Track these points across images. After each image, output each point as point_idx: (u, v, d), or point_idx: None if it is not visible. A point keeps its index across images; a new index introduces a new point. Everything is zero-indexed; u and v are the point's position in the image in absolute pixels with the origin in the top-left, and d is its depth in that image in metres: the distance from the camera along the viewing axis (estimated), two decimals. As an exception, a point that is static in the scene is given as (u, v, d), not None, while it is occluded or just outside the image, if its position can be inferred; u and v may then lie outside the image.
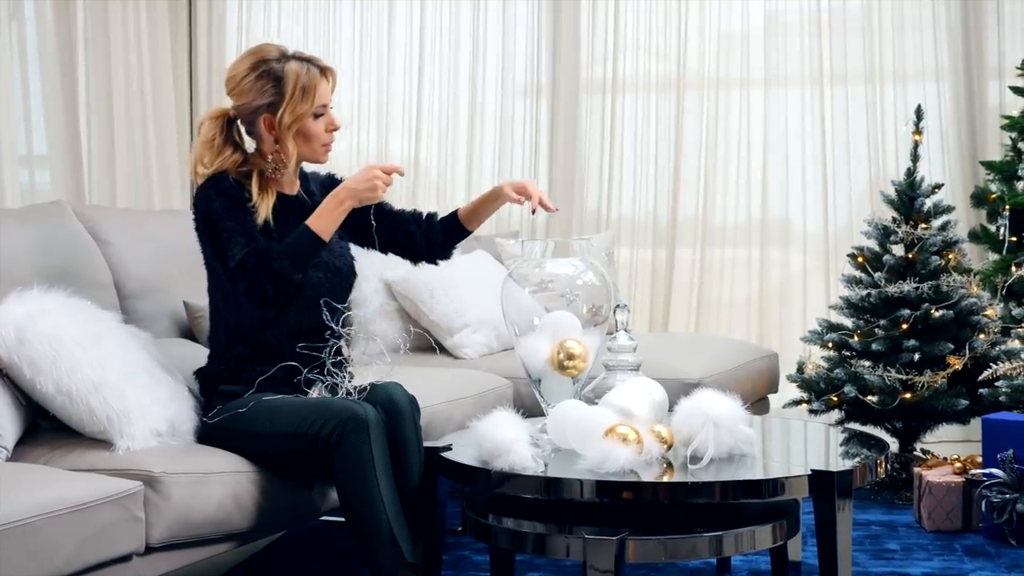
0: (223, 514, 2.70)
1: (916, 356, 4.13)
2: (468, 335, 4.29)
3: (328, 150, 3.03)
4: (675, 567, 3.40)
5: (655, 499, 2.54)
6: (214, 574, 3.34)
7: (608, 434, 2.60)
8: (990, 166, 4.74)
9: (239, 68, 2.96)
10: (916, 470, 3.95)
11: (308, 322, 2.96)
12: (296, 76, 2.92)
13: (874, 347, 4.16)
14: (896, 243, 4.30)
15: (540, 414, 2.96)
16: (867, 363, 4.23)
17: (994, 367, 3.91)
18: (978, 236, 4.74)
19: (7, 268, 3.10)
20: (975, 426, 4.23)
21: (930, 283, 4.17)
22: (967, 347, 4.13)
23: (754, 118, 5.30)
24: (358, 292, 4.15)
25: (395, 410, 2.83)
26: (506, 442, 2.61)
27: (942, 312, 4.13)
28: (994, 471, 3.65)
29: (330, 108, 3.00)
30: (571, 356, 2.81)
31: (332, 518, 3.73)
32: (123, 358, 2.82)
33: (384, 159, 5.47)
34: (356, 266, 3.15)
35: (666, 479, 2.58)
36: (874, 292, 4.24)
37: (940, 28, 5.12)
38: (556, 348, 2.81)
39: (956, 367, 4.11)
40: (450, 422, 3.42)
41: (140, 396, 2.76)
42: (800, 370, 4.38)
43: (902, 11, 5.16)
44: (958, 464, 3.88)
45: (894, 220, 4.30)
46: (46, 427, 2.83)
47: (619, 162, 5.39)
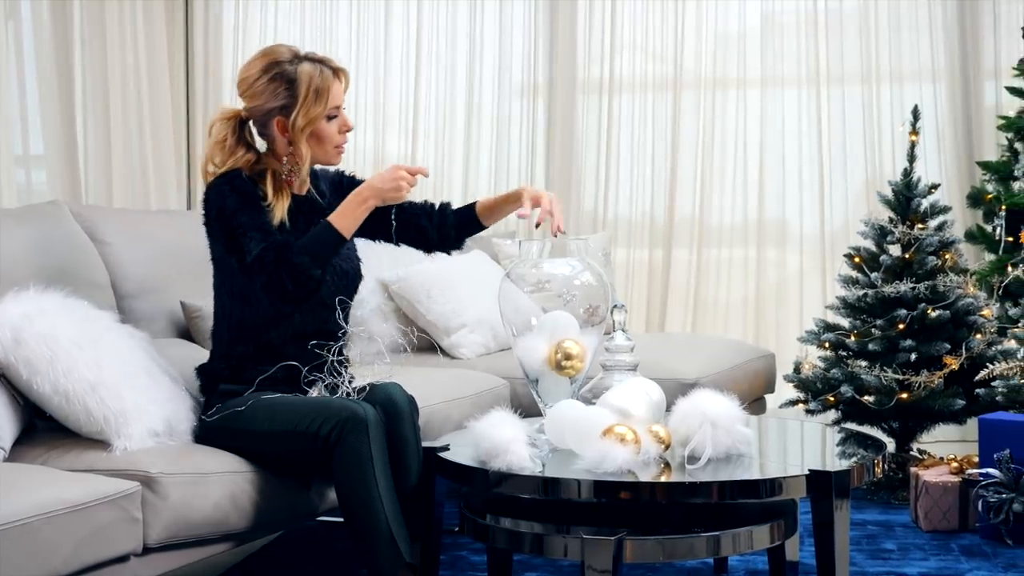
0: (220, 514, 2.70)
1: (913, 356, 4.14)
2: (465, 335, 4.29)
3: (341, 151, 3.02)
4: (672, 567, 3.40)
5: (653, 499, 2.54)
6: (211, 574, 3.34)
7: (606, 434, 2.60)
8: (986, 166, 4.75)
9: (251, 70, 2.94)
10: (913, 470, 3.95)
11: (313, 323, 2.96)
12: (309, 78, 2.91)
13: (871, 347, 4.16)
14: (893, 243, 4.30)
15: (537, 414, 2.96)
16: (864, 363, 4.23)
17: (991, 367, 3.91)
18: (974, 236, 4.74)
19: (4, 268, 3.10)
20: (972, 426, 4.23)
21: (927, 283, 4.18)
22: (964, 347, 4.14)
23: (750, 118, 5.30)
24: (355, 292, 4.15)
25: (394, 410, 2.82)
26: (504, 442, 2.61)
27: (939, 312, 4.13)
28: (991, 471, 3.66)
29: (343, 109, 2.99)
30: (569, 356, 2.81)
31: (329, 518, 3.73)
32: (120, 358, 2.81)
33: (380, 159, 5.47)
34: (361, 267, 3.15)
35: (664, 479, 2.58)
36: (871, 292, 4.24)
37: (936, 28, 5.13)
38: (554, 348, 2.81)
39: (953, 367, 4.12)
40: (447, 422, 3.42)
41: (137, 396, 2.76)
42: (797, 370, 4.38)
43: (898, 11, 5.16)
44: (955, 464, 3.89)
45: (891, 220, 4.30)
46: (43, 427, 2.82)
47: (616, 162, 5.39)
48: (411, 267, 4.35)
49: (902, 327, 4.15)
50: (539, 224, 3.00)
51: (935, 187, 4.35)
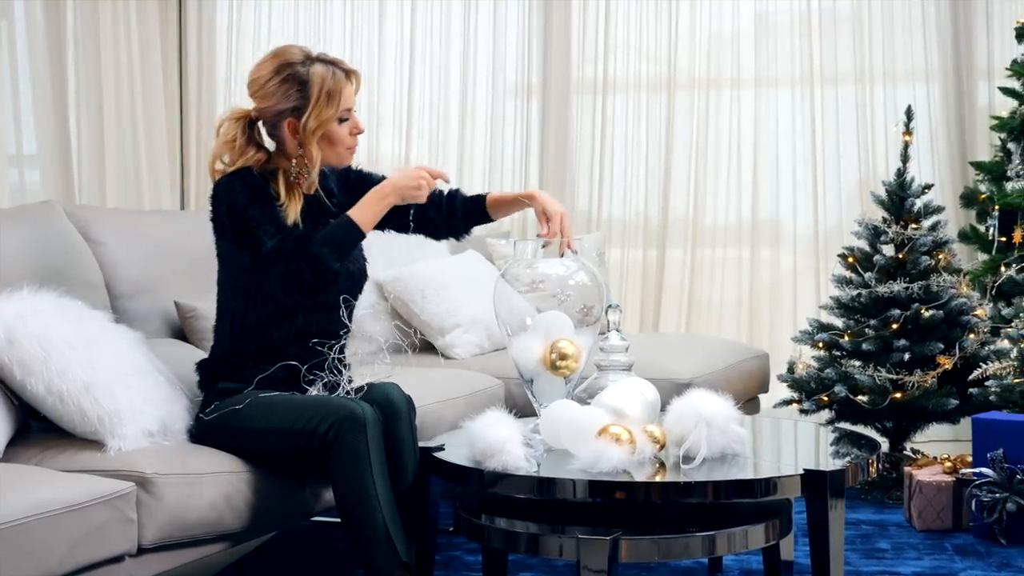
0: (215, 515, 2.70)
1: (906, 356, 4.14)
2: (459, 335, 4.29)
3: (352, 153, 3.01)
4: (667, 567, 3.40)
5: (648, 499, 2.54)
6: (206, 575, 3.34)
7: (601, 434, 2.60)
8: (980, 166, 4.75)
9: (262, 71, 2.92)
10: (906, 469, 3.96)
11: (316, 324, 2.95)
12: (322, 80, 2.89)
13: (864, 347, 4.17)
14: (886, 243, 4.31)
15: (532, 414, 2.96)
16: (857, 363, 4.24)
17: (984, 367, 3.92)
18: (968, 236, 4.75)
19: (-2, 268, 3.10)
20: (965, 425, 4.24)
21: (920, 283, 4.18)
22: (957, 347, 4.15)
23: (744, 118, 5.30)
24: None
25: (392, 410, 2.82)
26: (499, 442, 2.61)
27: (932, 312, 4.14)
28: (984, 470, 3.66)
29: (354, 111, 2.98)
30: (563, 356, 2.81)
31: (325, 518, 3.72)
32: (114, 358, 2.81)
33: (374, 160, 5.47)
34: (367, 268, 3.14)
35: (659, 479, 2.58)
36: (864, 292, 4.25)
37: (930, 29, 5.14)
38: (548, 348, 2.81)
39: (946, 367, 4.12)
40: (442, 422, 3.42)
41: (131, 396, 2.76)
42: (791, 370, 4.38)
43: (892, 12, 5.17)
44: (948, 463, 3.89)
45: (884, 220, 4.30)
46: (37, 428, 2.82)
47: (610, 162, 5.39)
48: (405, 267, 4.35)
49: (896, 327, 4.16)
50: (547, 244, 2.96)
51: (928, 187, 4.35)
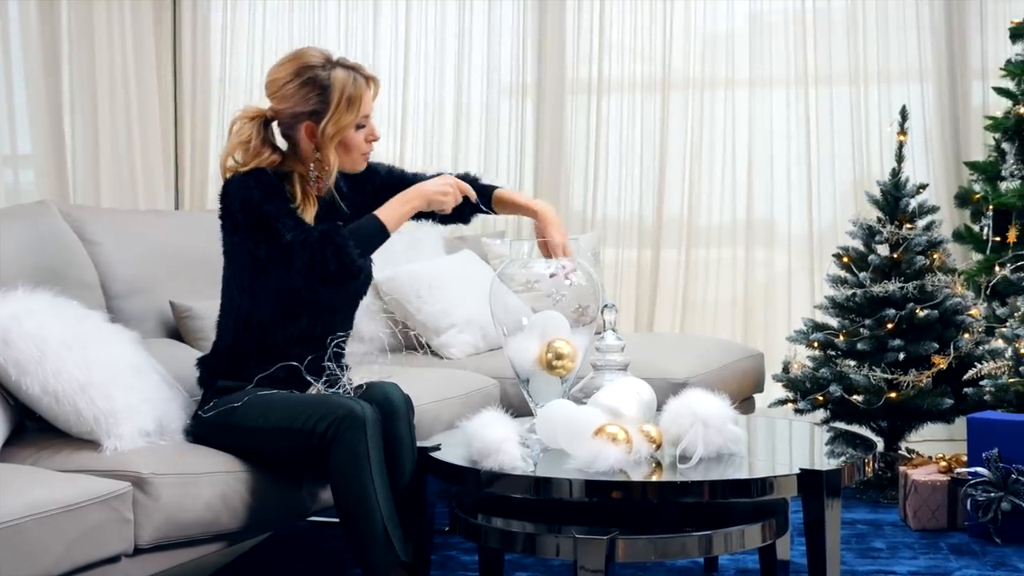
0: (212, 514, 2.70)
1: (901, 355, 4.15)
2: (454, 335, 4.29)
3: (366, 159, 3.00)
4: (663, 566, 3.41)
5: (644, 498, 2.54)
6: (202, 575, 3.34)
7: (597, 434, 2.60)
8: (974, 166, 4.76)
9: (281, 72, 2.90)
10: (901, 469, 3.97)
11: (320, 327, 2.95)
12: (343, 86, 2.87)
13: (859, 347, 4.17)
14: (881, 243, 4.31)
15: (527, 414, 2.96)
16: (852, 362, 4.24)
17: (978, 366, 3.93)
18: (962, 236, 4.76)
19: (-7, 268, 3.09)
20: (960, 425, 4.24)
21: (915, 283, 4.19)
22: (952, 346, 4.15)
23: (739, 119, 5.31)
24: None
25: (390, 409, 2.82)
26: (495, 442, 2.61)
27: (927, 312, 4.14)
28: (979, 470, 3.67)
29: (371, 118, 2.96)
30: (560, 356, 2.81)
31: (321, 518, 3.73)
32: (110, 358, 2.80)
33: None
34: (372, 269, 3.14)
35: (655, 478, 2.58)
36: (859, 292, 4.25)
37: (924, 29, 5.14)
38: (544, 348, 2.81)
39: (941, 366, 4.13)
40: (437, 422, 3.42)
41: (127, 396, 2.75)
42: (786, 370, 4.39)
43: (886, 12, 5.18)
44: (943, 463, 3.90)
45: (879, 220, 4.31)
46: (33, 428, 2.81)
47: (604, 163, 5.40)
48: (400, 267, 4.35)
49: (890, 327, 4.16)
50: (553, 275, 2.91)
51: (923, 187, 4.36)
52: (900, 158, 4.35)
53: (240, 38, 5.45)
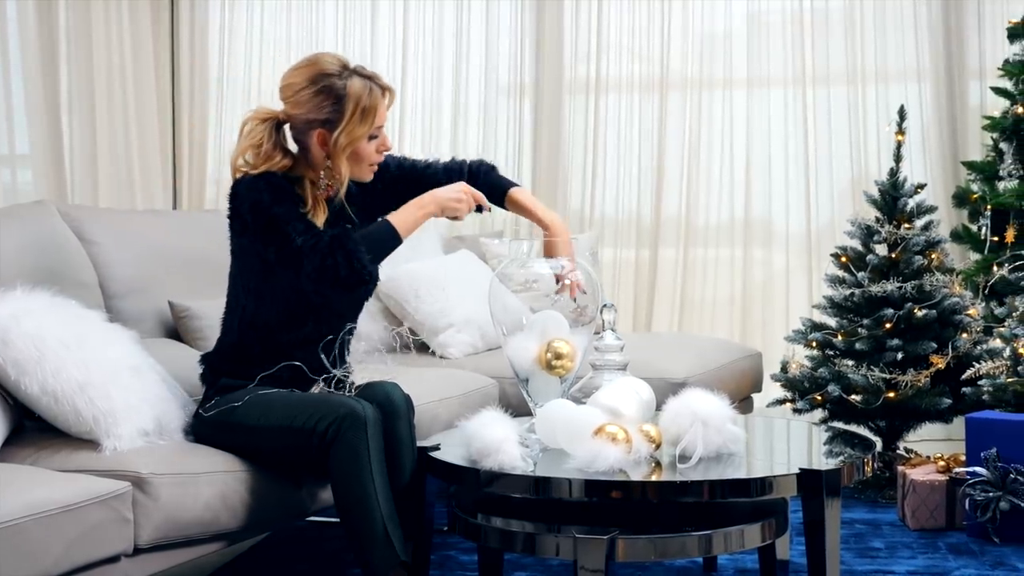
0: (211, 514, 2.70)
1: (899, 355, 4.15)
2: (453, 335, 4.29)
3: (375, 169, 2.98)
4: (662, 566, 3.41)
5: (644, 498, 2.54)
6: (201, 574, 3.33)
7: (597, 433, 2.60)
8: (972, 166, 4.76)
9: (297, 77, 2.87)
10: (900, 469, 3.97)
11: (325, 331, 2.94)
12: (358, 97, 2.85)
13: (858, 346, 4.18)
14: (879, 243, 4.32)
15: (526, 413, 2.96)
16: (851, 362, 4.24)
17: (977, 366, 3.93)
18: (960, 236, 4.76)
19: (-9, 268, 3.09)
20: (958, 425, 4.24)
21: (913, 283, 4.19)
22: (950, 346, 4.16)
23: (737, 118, 5.31)
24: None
25: (391, 408, 2.81)
26: (495, 441, 2.61)
27: (925, 311, 4.15)
28: (977, 469, 3.67)
29: (383, 129, 2.95)
30: (559, 356, 2.81)
31: (320, 518, 3.72)
32: (108, 358, 2.80)
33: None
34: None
35: (655, 478, 2.58)
36: (857, 292, 4.25)
37: (922, 29, 5.15)
38: (544, 348, 2.81)
39: (939, 366, 4.13)
40: (436, 422, 3.42)
41: (126, 396, 2.75)
42: (784, 369, 4.39)
43: (883, 11, 5.18)
44: (941, 463, 3.90)
45: (877, 220, 4.31)
46: (32, 428, 2.81)
47: (602, 162, 5.40)
48: (399, 267, 4.35)
49: (889, 326, 4.17)
50: (559, 292, 2.89)
51: (921, 187, 4.36)
52: (898, 158, 4.36)
53: (238, 38, 5.44)
